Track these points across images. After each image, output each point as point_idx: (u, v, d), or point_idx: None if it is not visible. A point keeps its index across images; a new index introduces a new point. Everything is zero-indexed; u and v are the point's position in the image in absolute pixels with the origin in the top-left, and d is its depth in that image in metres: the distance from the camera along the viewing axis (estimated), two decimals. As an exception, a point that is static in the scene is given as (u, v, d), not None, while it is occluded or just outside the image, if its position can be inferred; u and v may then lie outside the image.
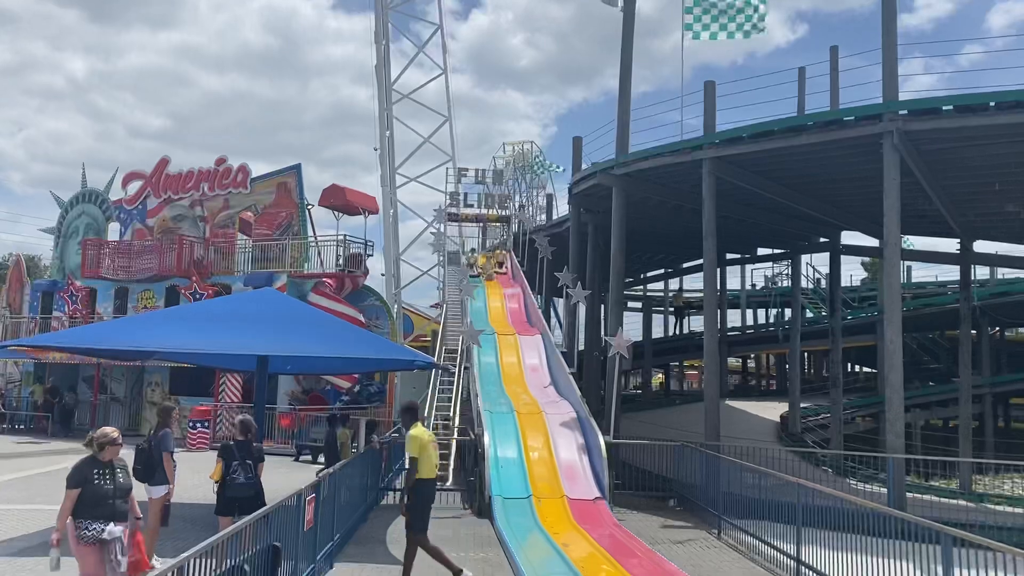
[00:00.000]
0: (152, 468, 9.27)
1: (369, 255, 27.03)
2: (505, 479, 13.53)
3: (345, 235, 26.55)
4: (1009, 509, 15.28)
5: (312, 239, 26.97)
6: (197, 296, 24.65)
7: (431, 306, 37.36)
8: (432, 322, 30.76)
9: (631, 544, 10.82)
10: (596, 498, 13.16)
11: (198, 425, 22.26)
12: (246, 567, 5.97)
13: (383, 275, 30.90)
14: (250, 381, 21.51)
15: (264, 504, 8.47)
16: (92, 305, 28.04)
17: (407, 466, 8.26)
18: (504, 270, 25.38)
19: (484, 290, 24.84)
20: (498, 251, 26.66)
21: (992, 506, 15.89)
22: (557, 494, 13.19)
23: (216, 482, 8.79)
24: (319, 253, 26.69)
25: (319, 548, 8.44)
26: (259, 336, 11.68)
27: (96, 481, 6.54)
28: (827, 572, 8.68)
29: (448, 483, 15.41)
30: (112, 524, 6.44)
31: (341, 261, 25.83)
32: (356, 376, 24.06)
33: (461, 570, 8.42)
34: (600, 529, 11.75)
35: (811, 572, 9.09)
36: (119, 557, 6.33)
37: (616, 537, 11.30)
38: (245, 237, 26.83)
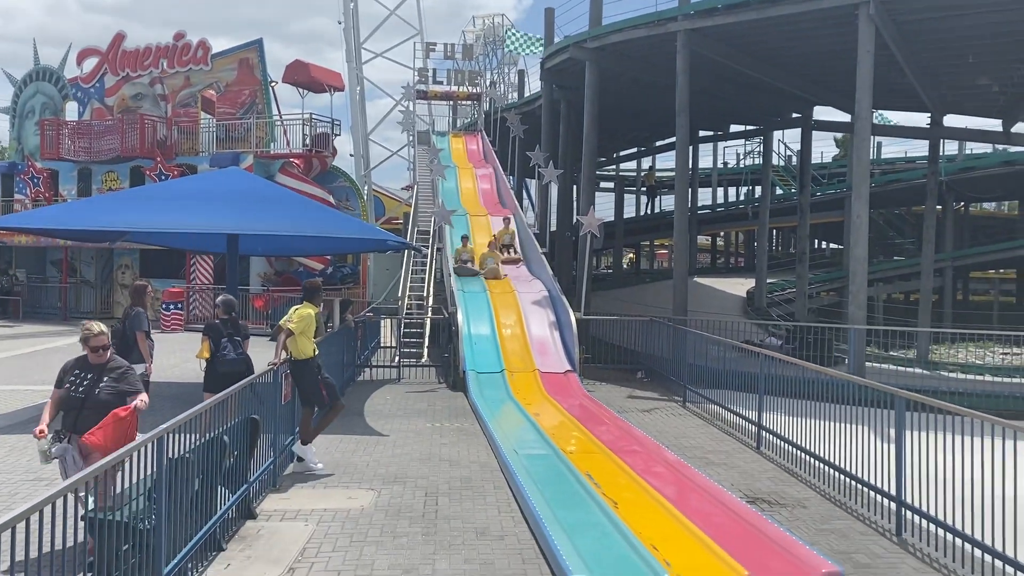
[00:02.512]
0: (128, 348, 9.32)
1: (336, 135, 26.46)
2: (478, 355, 13.86)
3: (311, 114, 25.90)
4: (962, 376, 15.95)
5: (277, 118, 26.32)
6: (162, 177, 24.18)
7: (402, 188, 37.07)
8: (403, 204, 30.56)
9: (600, 413, 11.23)
10: (567, 371, 13.56)
11: (171, 307, 22.30)
12: (225, 438, 6.14)
13: (351, 156, 30.42)
14: (221, 263, 21.44)
15: None
16: (55, 187, 27.43)
17: (284, 337, 8.14)
18: (516, 255, 18.32)
19: (456, 170, 24.61)
20: (508, 230, 18.88)
21: (946, 373, 16.57)
22: (529, 368, 13.56)
23: (205, 360, 8.89)
24: (285, 132, 26.08)
25: (297, 421, 8.66)
26: (229, 215, 11.57)
27: (67, 386, 5.80)
28: (787, 435, 9.11)
29: (423, 359, 15.74)
30: (63, 441, 5.61)
31: (308, 141, 25.29)
32: (328, 258, 24.05)
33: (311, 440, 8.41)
34: (570, 400, 12.16)
35: (772, 436, 9.52)
36: (77, 464, 5.48)
37: (586, 407, 11.71)
38: (208, 116, 26.09)
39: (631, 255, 50.24)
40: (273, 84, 26.57)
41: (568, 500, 7.30)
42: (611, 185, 43.52)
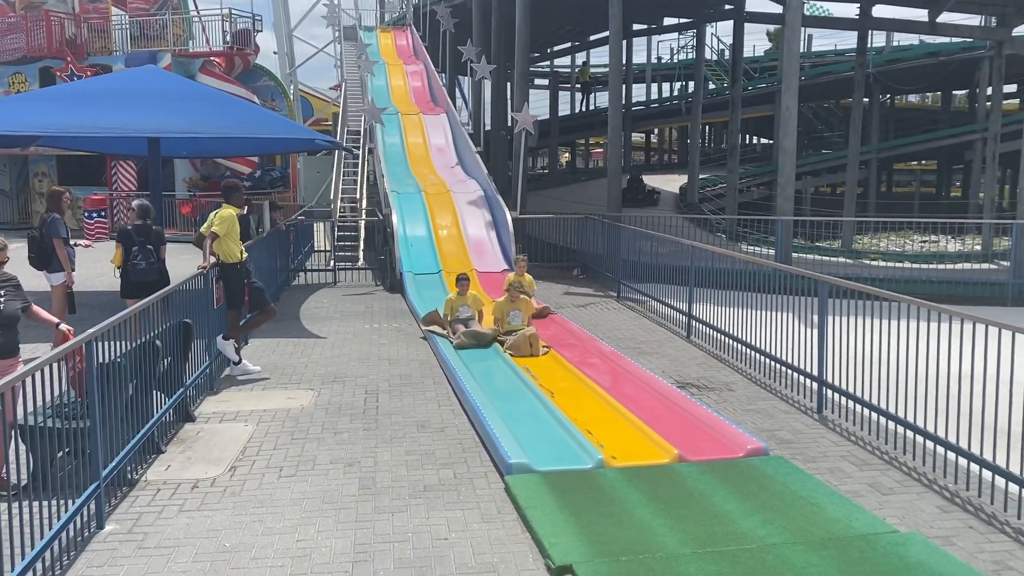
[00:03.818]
0: (46, 256, 9.05)
1: (258, 31, 25.33)
2: (415, 256, 13.84)
3: (230, 9, 24.65)
4: (883, 263, 16.56)
5: (195, 14, 25.00)
6: (75, 78, 22.89)
7: (330, 88, 35.90)
8: (332, 104, 29.67)
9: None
10: (503, 270, 13.64)
11: (94, 215, 21.55)
12: (158, 343, 6.07)
13: (275, 53, 29.28)
14: (144, 168, 20.67)
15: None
16: (-44, 91, 25.81)
17: (209, 242, 7.98)
18: (540, 303, 11.15)
19: (385, 67, 23.88)
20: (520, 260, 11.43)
21: (869, 261, 17.18)
22: (466, 268, 13.59)
23: (118, 267, 8.70)
24: (203, 29, 24.84)
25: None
26: (150, 116, 11.07)
27: None
28: (716, 324, 9.40)
29: (359, 263, 15.63)
30: None
31: (228, 38, 24.16)
32: (256, 161, 23.38)
33: (244, 344, 8.65)
34: (507, 297, 12.25)
35: (701, 325, 9.83)
36: None
37: (523, 303, 11.83)
38: (120, 12, 24.66)
39: (566, 155, 50.08)
40: (188, -24, 25.15)
41: (506, 392, 7.48)
42: (545, 82, 42.87)
